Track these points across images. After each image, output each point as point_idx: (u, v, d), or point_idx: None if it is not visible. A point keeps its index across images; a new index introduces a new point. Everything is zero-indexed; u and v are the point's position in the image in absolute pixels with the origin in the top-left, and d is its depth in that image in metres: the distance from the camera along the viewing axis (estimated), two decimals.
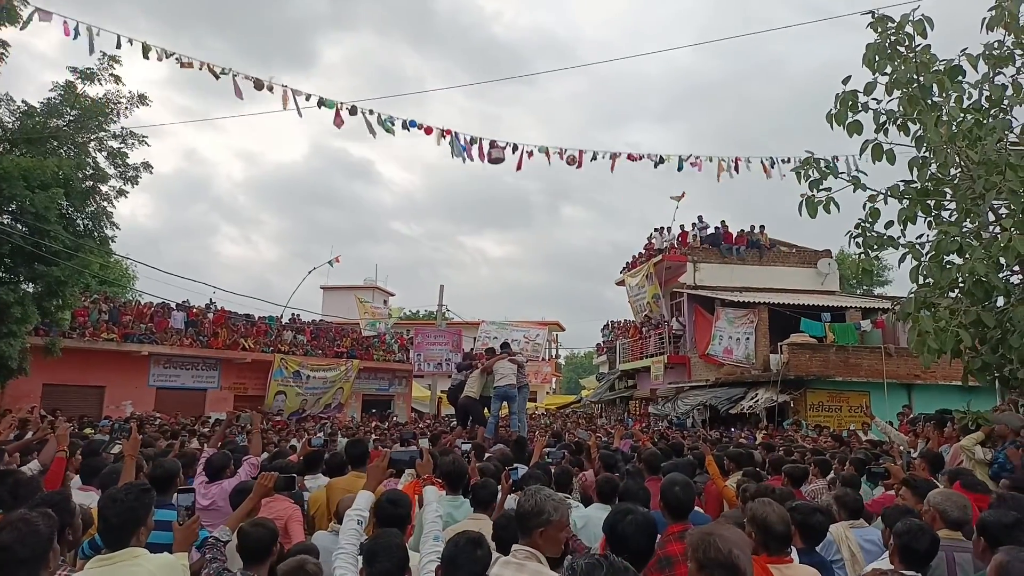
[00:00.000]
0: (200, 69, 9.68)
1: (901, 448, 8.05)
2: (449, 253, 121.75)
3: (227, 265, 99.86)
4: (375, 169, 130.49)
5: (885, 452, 8.21)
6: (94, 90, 16.07)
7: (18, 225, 14.43)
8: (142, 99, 16.60)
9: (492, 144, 10.80)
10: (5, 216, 14.55)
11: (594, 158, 11.34)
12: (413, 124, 10.43)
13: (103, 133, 16.25)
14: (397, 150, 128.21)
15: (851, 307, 20.30)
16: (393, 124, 10.24)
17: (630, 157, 11.59)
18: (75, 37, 9.06)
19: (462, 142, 10.47)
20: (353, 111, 10.22)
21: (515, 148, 10.96)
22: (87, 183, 15.61)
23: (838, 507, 4.30)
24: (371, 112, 10.21)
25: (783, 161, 12.06)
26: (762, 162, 11.99)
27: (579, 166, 11.08)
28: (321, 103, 10.09)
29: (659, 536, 2.93)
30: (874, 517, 4.40)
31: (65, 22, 9.10)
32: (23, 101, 15.82)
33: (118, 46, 9.46)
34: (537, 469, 4.72)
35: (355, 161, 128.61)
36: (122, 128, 16.38)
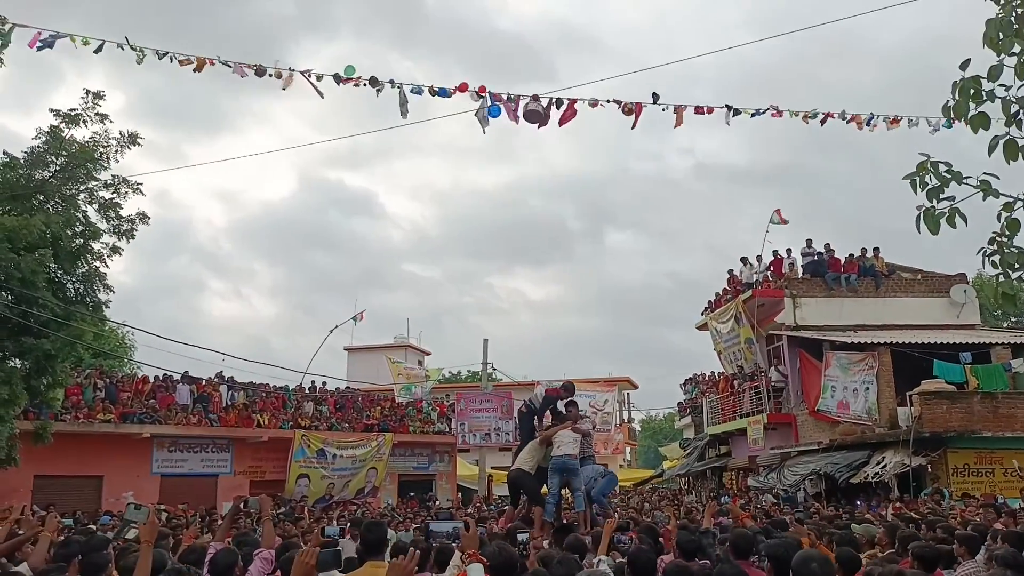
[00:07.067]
0: (199, 64, 10.14)
1: None
2: (479, 297, 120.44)
3: (218, 326, 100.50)
4: (378, 201, 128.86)
5: None
6: (80, 133, 16.73)
7: (3, 293, 15.03)
8: (133, 139, 17.21)
9: (534, 97, 10.92)
10: None
11: (655, 100, 11.48)
12: (444, 92, 10.72)
13: (93, 183, 16.89)
14: (401, 178, 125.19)
15: (997, 343, 19.60)
16: (420, 93, 10.63)
17: (697, 110, 11.74)
18: (39, 49, 9.53)
19: (497, 101, 10.71)
20: (375, 82, 10.53)
21: (559, 103, 11.00)
22: (77, 241, 16.21)
23: None
24: (392, 83, 10.57)
25: (891, 121, 11.99)
26: (861, 117, 11.95)
27: (636, 119, 11.38)
28: (337, 79, 10.48)
29: None
30: None
31: (39, 32, 9.50)
32: (4, 152, 16.63)
33: (98, 51, 9.91)
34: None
35: (353, 193, 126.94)
36: (112, 176, 16.99)
